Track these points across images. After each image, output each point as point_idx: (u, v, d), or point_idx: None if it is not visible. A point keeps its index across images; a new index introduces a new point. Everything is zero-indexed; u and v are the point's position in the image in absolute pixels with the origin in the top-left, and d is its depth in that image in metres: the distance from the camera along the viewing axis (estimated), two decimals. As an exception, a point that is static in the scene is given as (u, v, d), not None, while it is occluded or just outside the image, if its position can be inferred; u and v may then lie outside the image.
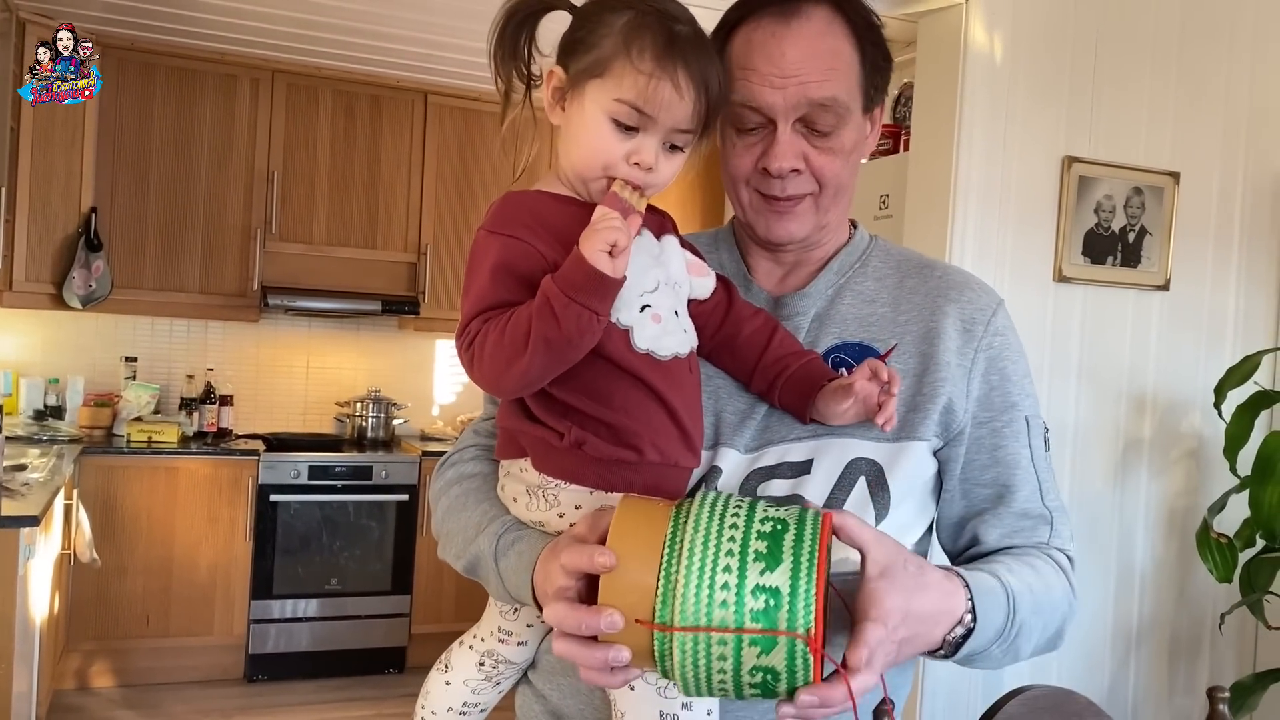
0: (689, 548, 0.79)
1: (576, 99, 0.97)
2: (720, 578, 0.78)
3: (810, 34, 1.03)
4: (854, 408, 0.99)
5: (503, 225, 0.96)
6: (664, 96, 0.94)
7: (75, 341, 4.37)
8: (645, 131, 0.96)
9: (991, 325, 1.10)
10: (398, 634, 4.34)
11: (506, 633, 1.08)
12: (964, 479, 1.09)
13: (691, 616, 0.78)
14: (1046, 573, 1.05)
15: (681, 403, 0.98)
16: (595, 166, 0.97)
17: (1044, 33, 2.66)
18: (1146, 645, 2.89)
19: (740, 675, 0.79)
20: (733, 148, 1.08)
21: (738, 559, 0.78)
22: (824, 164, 1.06)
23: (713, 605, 0.78)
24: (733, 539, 0.79)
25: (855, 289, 1.13)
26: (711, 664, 0.78)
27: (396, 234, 4.57)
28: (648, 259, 0.99)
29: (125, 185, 4.18)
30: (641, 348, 0.96)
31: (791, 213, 1.08)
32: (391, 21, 3.73)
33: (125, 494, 3.94)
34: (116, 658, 4.00)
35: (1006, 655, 0.99)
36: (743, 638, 0.77)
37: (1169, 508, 2.90)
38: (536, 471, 0.99)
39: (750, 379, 1.07)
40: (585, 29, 0.97)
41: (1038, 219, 2.68)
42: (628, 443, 0.95)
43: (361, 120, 4.49)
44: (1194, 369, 2.89)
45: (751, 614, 0.77)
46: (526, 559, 0.97)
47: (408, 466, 4.34)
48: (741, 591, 0.78)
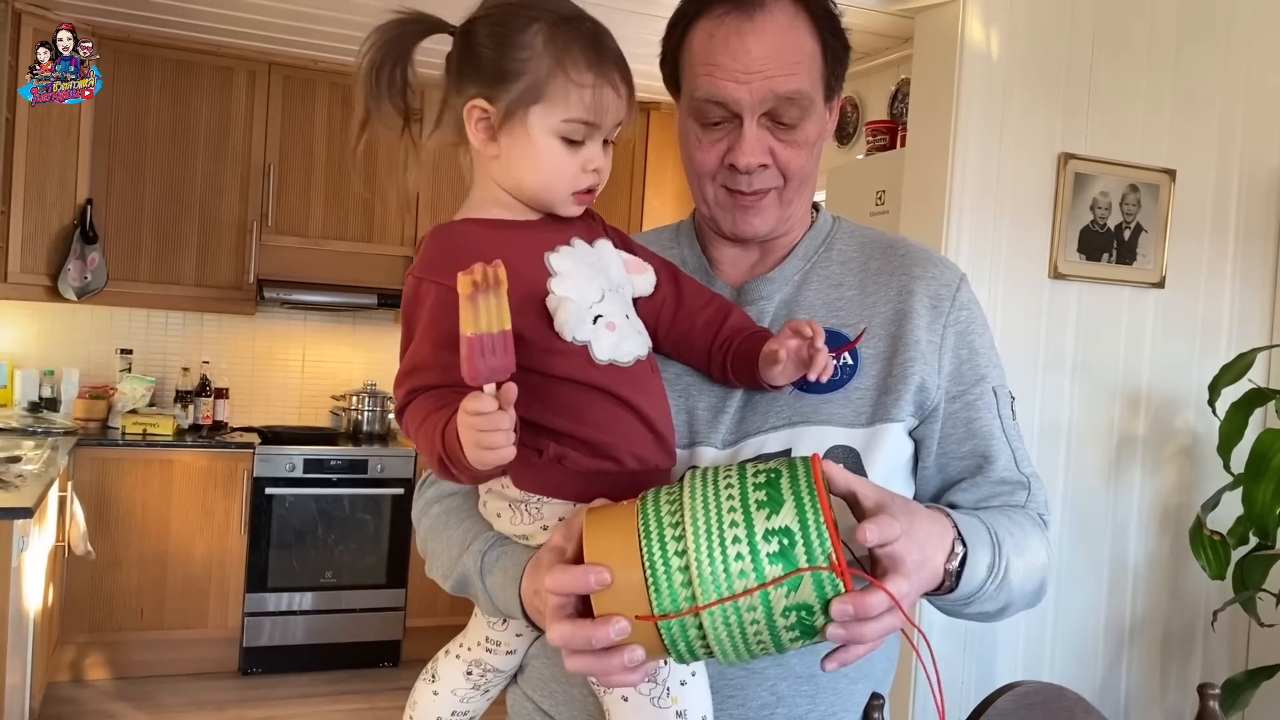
0: (692, 522, 0.79)
1: (516, 128, 0.95)
2: (729, 533, 0.77)
3: (774, 29, 1.03)
4: (788, 367, 0.98)
5: (435, 272, 0.94)
6: (608, 101, 0.95)
7: (70, 334, 4.37)
8: (591, 139, 0.96)
9: (957, 300, 1.11)
10: (393, 627, 4.34)
11: (495, 642, 1.07)
12: (941, 454, 1.10)
13: (713, 585, 0.77)
14: (1023, 522, 1.06)
15: (650, 406, 0.98)
16: (560, 189, 0.97)
17: (1041, 29, 2.66)
18: (1139, 642, 2.90)
19: (775, 624, 0.78)
20: (697, 143, 1.07)
21: (741, 513, 0.78)
22: (790, 157, 1.06)
23: (729, 566, 0.77)
24: (730, 497, 0.79)
25: (821, 273, 1.13)
26: (745, 627, 0.78)
27: (392, 228, 4.57)
28: (588, 270, 0.97)
29: (121, 177, 4.17)
30: (603, 359, 0.95)
31: (756, 207, 1.08)
32: (388, 15, 3.71)
33: (120, 486, 3.94)
34: (111, 650, 4.00)
35: (1000, 595, 0.99)
36: (768, 593, 0.77)
37: (1163, 505, 2.91)
38: (518, 488, 0.98)
39: (708, 366, 1.07)
40: (496, 54, 0.95)
41: (1034, 216, 2.69)
42: (606, 454, 0.95)
43: (358, 113, 4.47)
44: (1188, 366, 2.90)
45: (769, 558, 0.77)
46: (511, 575, 0.97)
47: (403, 460, 4.34)
48: (753, 542, 0.77)
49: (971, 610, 1.01)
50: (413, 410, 0.92)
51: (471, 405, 0.81)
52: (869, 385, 1.06)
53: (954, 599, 0.97)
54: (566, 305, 0.93)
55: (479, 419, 0.81)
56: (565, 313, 0.93)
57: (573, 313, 0.93)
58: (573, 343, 0.93)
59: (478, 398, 0.81)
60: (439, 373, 0.91)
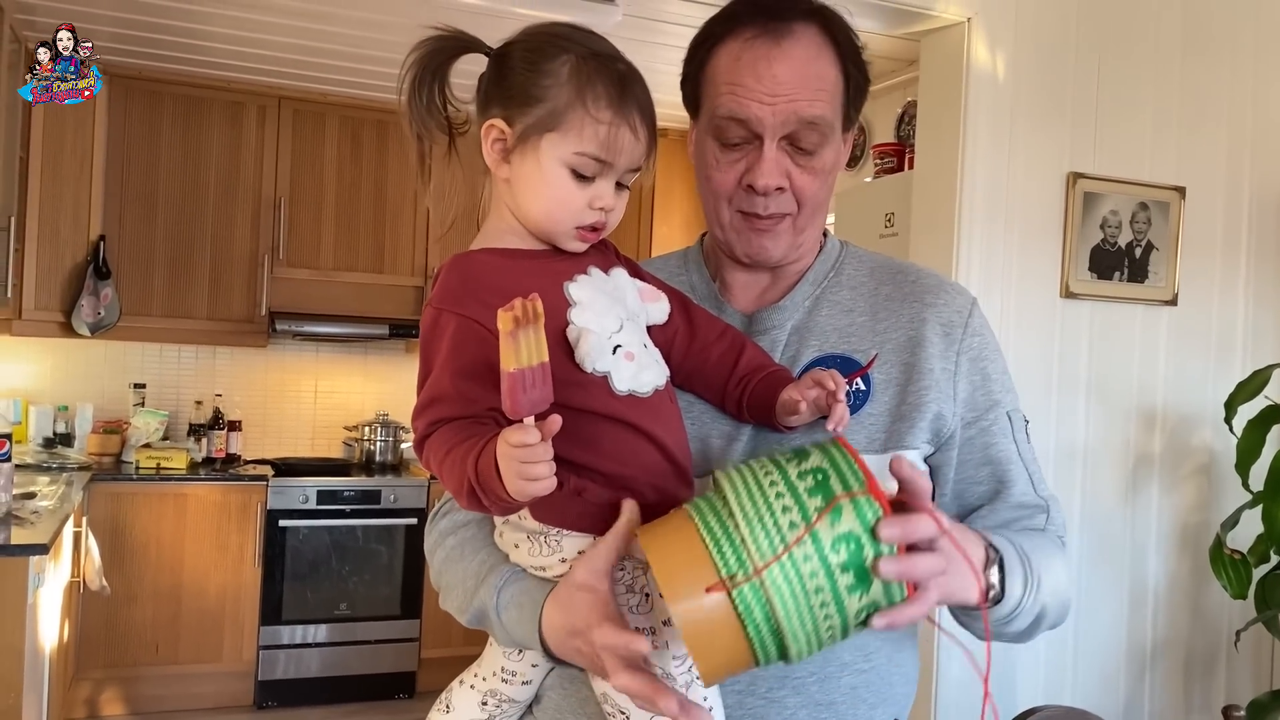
0: (734, 492, 0.81)
1: (528, 152, 0.96)
2: (771, 490, 0.80)
3: (801, 55, 1.04)
4: (806, 413, 0.99)
5: (453, 303, 0.94)
6: (624, 142, 0.95)
7: (84, 369, 4.39)
8: (602, 176, 0.96)
9: (970, 326, 1.11)
10: (407, 659, 4.32)
11: (510, 673, 1.06)
12: (958, 480, 1.10)
13: (766, 540, 0.78)
14: (1043, 542, 1.05)
15: (669, 435, 0.98)
16: (564, 220, 0.97)
17: (1046, 49, 2.66)
18: (1161, 663, 2.86)
19: (833, 574, 0.78)
20: (715, 163, 1.07)
21: (775, 469, 0.82)
22: (806, 183, 1.06)
23: (777, 519, 0.79)
24: (763, 465, 0.83)
25: (832, 299, 1.12)
26: (805, 581, 0.78)
27: (403, 258, 4.59)
28: (606, 299, 0.97)
29: (133, 213, 4.21)
30: (622, 390, 0.94)
31: (771, 231, 1.08)
32: (397, 48, 3.75)
33: (134, 521, 3.94)
34: (126, 686, 3.99)
35: (1035, 607, 0.99)
36: (816, 532, 0.78)
37: (1181, 524, 2.88)
38: (536, 520, 0.97)
39: (722, 403, 1.06)
40: (523, 78, 0.95)
41: (1043, 236, 2.68)
42: (625, 487, 0.94)
43: (368, 145, 4.52)
44: (1203, 384, 2.88)
45: (808, 492, 0.79)
46: (528, 611, 0.96)
47: (416, 490, 4.34)
48: (790, 482, 0.80)
49: (1012, 628, 1.01)
50: (435, 442, 0.91)
51: (515, 438, 0.80)
52: (882, 412, 1.06)
53: (999, 614, 0.96)
54: (587, 336, 0.93)
55: (522, 450, 0.80)
56: (586, 344, 0.92)
57: (594, 343, 0.92)
58: (593, 373, 0.93)
59: (522, 430, 0.80)
60: (460, 404, 0.91)
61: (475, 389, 0.90)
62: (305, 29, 3.61)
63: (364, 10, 3.40)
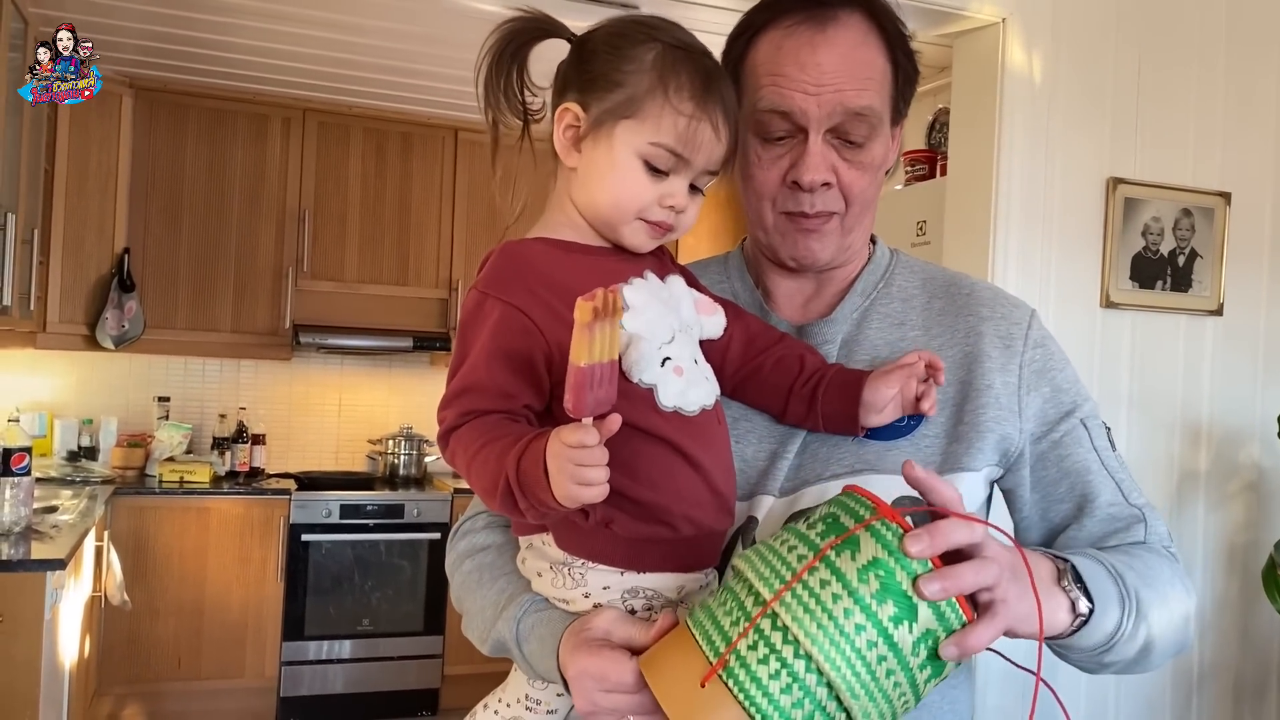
0: (752, 572, 0.76)
1: (601, 140, 0.90)
2: (782, 547, 0.77)
3: (847, 42, 0.98)
4: (894, 402, 0.94)
5: (501, 288, 0.88)
6: (704, 139, 0.89)
7: (108, 382, 4.38)
8: (677, 173, 0.90)
9: (1030, 338, 1.05)
10: (430, 675, 4.27)
11: (535, 701, 1.00)
12: (1038, 499, 1.03)
13: (775, 576, 0.74)
14: (1143, 555, 0.97)
15: (713, 461, 0.91)
16: (628, 212, 0.91)
17: (1085, 50, 2.58)
18: (1209, 689, 2.75)
19: (865, 602, 0.71)
20: (757, 160, 1.01)
21: (785, 531, 0.78)
22: (854, 179, 1.00)
23: (785, 558, 0.75)
24: (785, 541, 0.77)
25: (882, 310, 1.06)
26: (830, 607, 0.71)
27: (428, 271, 4.55)
28: (661, 306, 0.91)
29: (158, 225, 4.20)
30: (668, 406, 0.88)
31: (819, 232, 1.01)
32: (421, 59, 3.73)
33: (157, 535, 3.92)
34: (148, 701, 3.95)
35: (1139, 632, 0.91)
36: (838, 566, 0.72)
37: (1229, 543, 2.77)
38: (560, 549, 0.92)
39: (785, 407, 1.00)
40: (604, 63, 0.90)
41: (1083, 243, 2.59)
42: (659, 519, 0.88)
43: (392, 157, 4.49)
44: (1251, 397, 2.77)
45: (819, 535, 0.75)
46: (549, 645, 0.91)
47: (440, 504, 4.29)
48: (800, 532, 0.77)
49: (1112, 657, 0.92)
50: (465, 435, 0.85)
51: (574, 438, 0.75)
52: (936, 433, 0.99)
53: (1093, 641, 0.88)
54: (638, 344, 0.87)
55: (580, 452, 0.75)
56: (636, 351, 0.86)
57: (644, 352, 0.86)
58: (638, 384, 0.87)
59: (581, 429, 0.75)
60: (496, 397, 0.85)
61: (514, 382, 0.85)
62: (330, 40, 3.59)
63: (389, 21, 3.38)
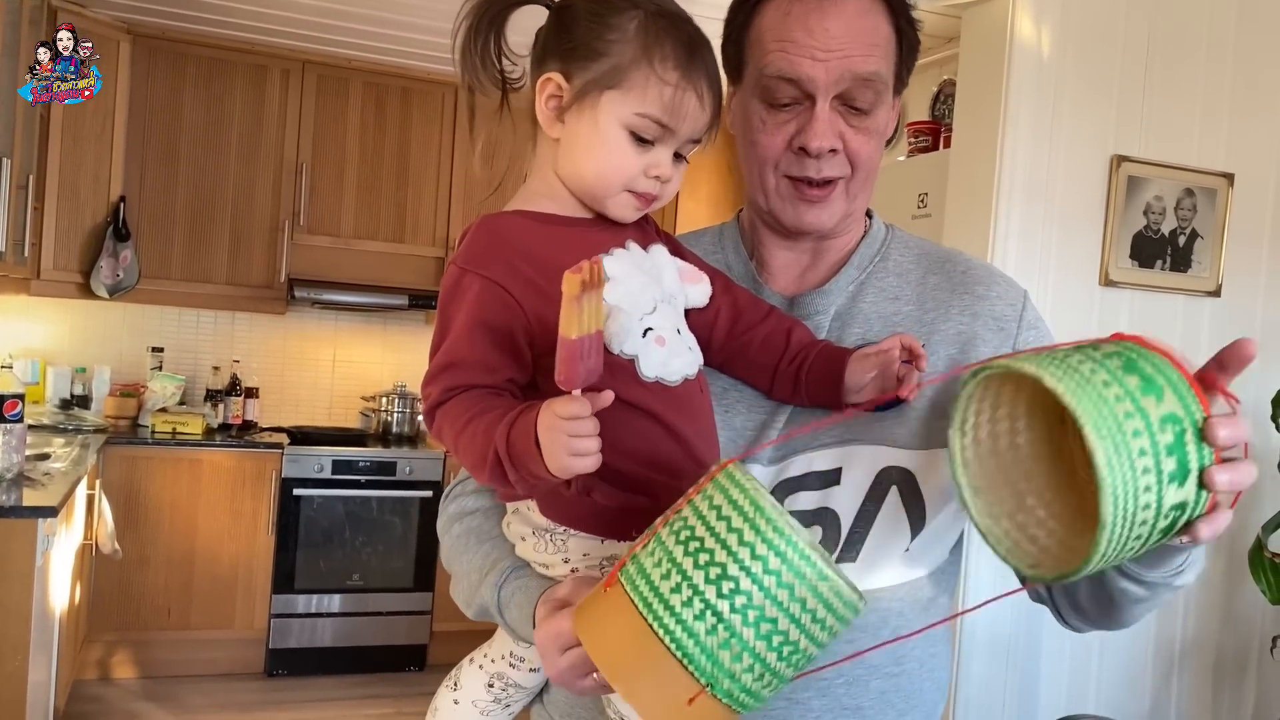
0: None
1: (584, 110, 0.90)
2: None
3: (854, 9, 0.98)
4: (874, 380, 0.94)
5: (479, 263, 0.88)
6: (689, 108, 0.89)
7: (102, 331, 4.37)
8: (662, 143, 0.90)
9: (1024, 319, 1.06)
10: (419, 631, 4.30)
11: (519, 658, 1.03)
12: None
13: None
14: None
15: (695, 431, 0.92)
16: (615, 184, 0.91)
17: (1094, 26, 2.56)
18: (1189, 667, 2.78)
19: (1158, 446, 0.68)
20: (761, 125, 1.00)
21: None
22: (860, 145, 1.00)
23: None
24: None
25: (877, 285, 1.06)
26: (1131, 449, 0.68)
27: (424, 228, 4.53)
28: (643, 276, 0.91)
29: (154, 175, 4.16)
30: (650, 376, 0.88)
31: (825, 200, 1.01)
32: (422, 12, 3.69)
33: (149, 485, 3.93)
34: (137, 649, 3.98)
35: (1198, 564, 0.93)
36: (1144, 407, 0.68)
37: (1216, 523, 2.79)
38: (543, 515, 0.93)
39: (771, 383, 1.00)
40: (586, 31, 0.89)
41: (1084, 220, 2.59)
42: (640, 488, 0.88)
43: (391, 112, 4.45)
44: (1246, 379, 2.76)
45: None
46: (526, 612, 0.92)
47: (432, 463, 4.30)
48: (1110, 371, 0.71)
49: (1180, 581, 0.93)
50: (451, 410, 0.86)
51: (566, 409, 0.76)
52: (923, 406, 1.00)
53: (1178, 562, 0.89)
54: (618, 315, 0.87)
55: (573, 423, 0.75)
56: (615, 322, 0.86)
57: (623, 323, 0.87)
58: (619, 356, 0.87)
59: (574, 401, 0.76)
60: (480, 371, 0.86)
61: (496, 356, 0.86)
62: (330, -9, 3.55)
63: (390, -28, 3.33)
